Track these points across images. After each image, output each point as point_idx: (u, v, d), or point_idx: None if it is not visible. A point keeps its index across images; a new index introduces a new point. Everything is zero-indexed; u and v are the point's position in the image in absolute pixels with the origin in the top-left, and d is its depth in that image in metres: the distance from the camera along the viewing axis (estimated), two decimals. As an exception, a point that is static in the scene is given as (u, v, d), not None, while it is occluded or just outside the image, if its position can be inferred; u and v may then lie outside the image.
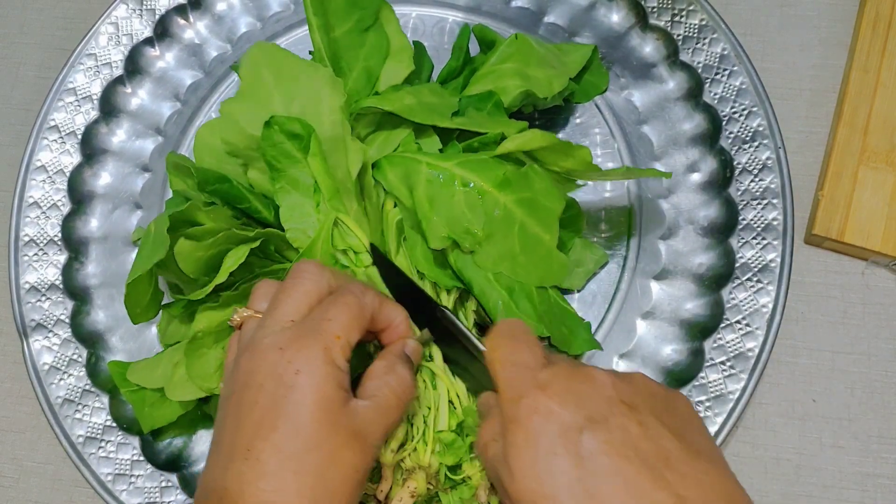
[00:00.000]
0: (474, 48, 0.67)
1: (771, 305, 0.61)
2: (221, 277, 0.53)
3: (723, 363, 0.60)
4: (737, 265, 0.62)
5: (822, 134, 0.68)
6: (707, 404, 0.59)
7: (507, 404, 0.43)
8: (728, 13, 0.70)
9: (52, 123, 0.70)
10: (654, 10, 0.69)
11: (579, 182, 0.58)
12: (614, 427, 0.40)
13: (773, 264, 0.62)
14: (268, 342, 0.45)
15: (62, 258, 0.67)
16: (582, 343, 0.56)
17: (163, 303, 0.57)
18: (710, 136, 0.66)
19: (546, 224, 0.55)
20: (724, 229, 0.64)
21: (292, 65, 0.55)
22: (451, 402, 0.53)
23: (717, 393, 0.60)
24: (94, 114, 0.71)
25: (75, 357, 0.65)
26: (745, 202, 0.64)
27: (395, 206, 0.55)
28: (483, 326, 0.59)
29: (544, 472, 0.40)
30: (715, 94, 0.67)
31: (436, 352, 0.54)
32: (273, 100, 0.55)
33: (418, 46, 0.68)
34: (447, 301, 0.56)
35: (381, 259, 0.54)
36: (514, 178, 0.53)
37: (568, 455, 0.40)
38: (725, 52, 0.67)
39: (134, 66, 0.72)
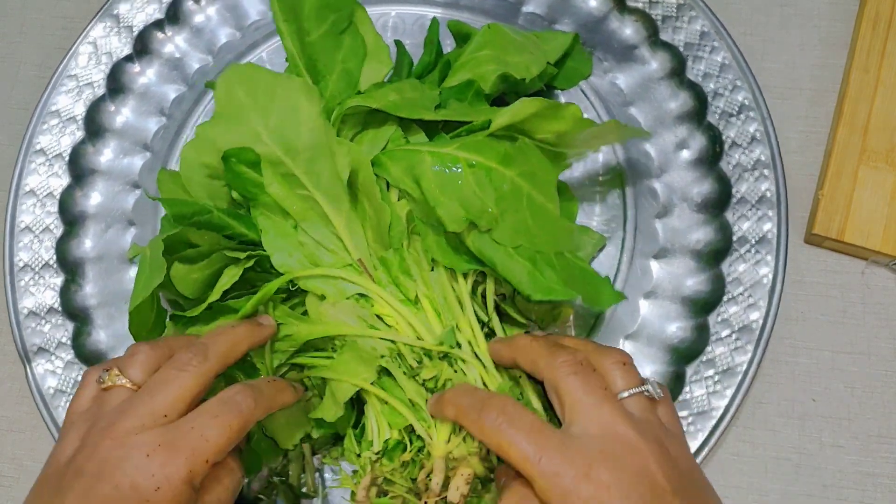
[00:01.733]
0: (448, 46, 0.67)
1: (771, 275, 0.61)
2: (215, 296, 0.54)
3: (728, 337, 0.61)
4: (734, 238, 0.63)
5: (822, 134, 0.68)
6: (716, 378, 0.59)
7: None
8: (728, 13, 0.70)
9: (38, 147, 0.70)
10: (632, -9, 0.70)
11: (570, 161, 0.58)
12: None
13: (769, 235, 0.62)
14: (136, 440, 0.43)
15: (59, 281, 0.67)
16: (609, 297, 0.56)
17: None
18: (697, 113, 0.66)
19: (548, 194, 0.55)
20: (718, 204, 0.64)
21: (267, 80, 0.54)
22: (485, 384, 0.53)
23: (726, 367, 0.60)
24: (79, 134, 0.70)
25: (80, 378, 0.64)
26: (737, 175, 0.64)
27: (400, 198, 0.55)
28: (501, 313, 0.58)
29: None
30: (698, 71, 0.67)
31: (461, 339, 0.53)
32: (249, 117, 0.54)
33: (399, 45, 0.68)
34: (463, 287, 0.55)
35: None
36: (513, 152, 0.54)
37: None
38: (705, 30, 0.68)
39: (116, 84, 0.72)
